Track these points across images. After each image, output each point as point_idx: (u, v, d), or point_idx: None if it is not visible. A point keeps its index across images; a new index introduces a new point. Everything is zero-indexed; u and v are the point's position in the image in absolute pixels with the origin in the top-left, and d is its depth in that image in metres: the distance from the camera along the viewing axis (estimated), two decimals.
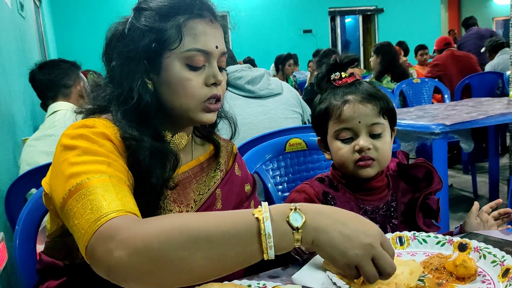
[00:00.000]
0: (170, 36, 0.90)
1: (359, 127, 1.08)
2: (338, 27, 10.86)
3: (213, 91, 0.94)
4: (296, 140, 1.49)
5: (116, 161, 0.83)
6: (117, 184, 0.78)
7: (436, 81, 4.47)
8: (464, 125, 2.46)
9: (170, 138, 0.99)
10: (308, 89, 4.09)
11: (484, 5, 14.08)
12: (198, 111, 0.94)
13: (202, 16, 0.93)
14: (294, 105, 2.02)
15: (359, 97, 1.08)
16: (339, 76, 1.13)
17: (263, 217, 0.69)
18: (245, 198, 1.11)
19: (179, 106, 0.94)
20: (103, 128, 0.87)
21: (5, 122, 2.25)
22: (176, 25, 0.91)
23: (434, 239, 0.95)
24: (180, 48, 0.91)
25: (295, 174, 1.50)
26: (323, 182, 1.16)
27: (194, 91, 0.92)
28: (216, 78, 0.94)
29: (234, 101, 1.91)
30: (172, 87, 0.92)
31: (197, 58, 0.92)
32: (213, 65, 0.94)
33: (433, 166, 1.15)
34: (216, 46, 0.94)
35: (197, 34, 0.92)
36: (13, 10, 3.18)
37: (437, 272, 0.83)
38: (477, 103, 3.21)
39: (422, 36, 8.98)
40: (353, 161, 1.09)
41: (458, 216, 3.28)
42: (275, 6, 9.84)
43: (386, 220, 1.11)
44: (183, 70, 0.92)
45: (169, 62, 0.92)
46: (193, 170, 1.02)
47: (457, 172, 4.42)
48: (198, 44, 0.91)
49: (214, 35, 0.94)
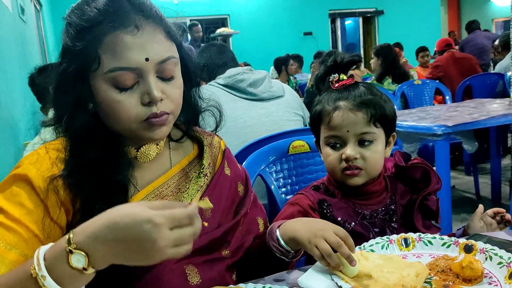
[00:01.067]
0: (87, 56, 0.79)
1: (347, 136, 1.06)
2: (339, 29, 10.88)
3: (151, 110, 0.82)
4: (299, 142, 1.49)
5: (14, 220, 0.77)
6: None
7: (437, 83, 4.46)
8: (466, 126, 2.46)
9: (135, 153, 0.91)
10: (309, 91, 4.08)
11: (483, 7, 14.08)
12: (143, 130, 0.84)
13: (123, 26, 0.79)
14: (296, 108, 2.01)
15: (350, 104, 1.06)
16: (337, 78, 1.10)
17: (40, 277, 0.63)
18: (238, 200, 1.03)
19: (120, 128, 0.85)
20: (31, 167, 0.82)
21: (7, 126, 2.25)
22: (92, 43, 0.79)
23: (439, 240, 0.94)
24: (101, 69, 0.79)
25: (298, 176, 1.49)
26: (318, 190, 1.14)
27: (128, 114, 0.81)
28: (150, 95, 0.80)
29: (236, 104, 1.90)
30: (105, 110, 0.83)
31: (124, 78, 0.80)
32: (147, 81, 0.81)
33: (430, 166, 1.14)
34: (146, 58, 0.80)
35: (117, 50, 0.78)
36: (14, 14, 3.19)
37: (443, 274, 0.83)
38: (479, 104, 3.21)
39: (422, 38, 8.99)
40: (340, 169, 1.08)
41: (460, 217, 3.27)
42: (275, 9, 9.85)
43: (385, 223, 1.10)
44: (111, 92, 0.80)
45: (95, 84, 0.81)
46: (173, 179, 0.94)
47: (459, 173, 4.42)
48: (120, 62, 0.79)
49: (141, 46, 0.80)
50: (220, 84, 1.97)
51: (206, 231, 0.91)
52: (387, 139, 1.13)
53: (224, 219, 0.97)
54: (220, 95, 1.90)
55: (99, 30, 0.79)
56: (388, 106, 1.10)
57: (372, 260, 0.87)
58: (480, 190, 3.73)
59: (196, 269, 0.89)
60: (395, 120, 1.13)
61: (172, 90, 0.85)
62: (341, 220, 1.07)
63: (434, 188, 1.13)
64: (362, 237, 1.06)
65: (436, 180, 1.13)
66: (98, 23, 0.79)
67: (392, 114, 1.11)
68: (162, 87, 0.83)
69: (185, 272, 0.88)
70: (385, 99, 1.11)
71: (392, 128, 1.13)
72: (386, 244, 0.95)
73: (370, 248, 0.93)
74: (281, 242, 0.92)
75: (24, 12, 3.72)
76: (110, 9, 0.80)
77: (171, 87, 0.85)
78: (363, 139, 1.06)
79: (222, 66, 2.09)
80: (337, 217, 1.08)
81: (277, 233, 0.93)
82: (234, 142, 1.78)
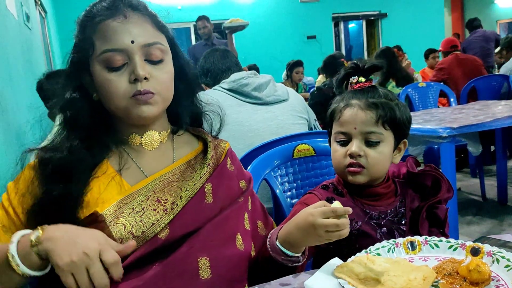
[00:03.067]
0: (85, 44, 0.94)
1: (354, 133, 1.08)
2: (342, 32, 10.88)
3: (136, 87, 0.93)
4: (304, 146, 1.49)
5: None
6: None
7: (441, 85, 4.45)
8: (471, 128, 2.45)
9: (139, 140, 1.01)
10: (314, 93, 4.07)
11: (487, 8, 14.05)
12: (130, 107, 0.94)
13: (114, 15, 0.93)
14: (300, 111, 2.01)
15: (361, 103, 1.08)
16: (356, 80, 1.13)
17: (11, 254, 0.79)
18: (239, 193, 1.07)
19: (113, 107, 0.95)
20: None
21: (13, 131, 2.26)
22: (88, 32, 0.94)
23: (446, 243, 0.94)
24: (96, 53, 0.93)
25: (303, 180, 1.49)
26: (327, 189, 1.15)
27: (117, 91, 0.93)
28: (135, 72, 0.92)
29: (241, 108, 1.90)
30: (100, 91, 0.95)
31: (114, 58, 0.92)
32: (134, 61, 0.92)
33: (442, 175, 1.14)
34: (132, 41, 0.92)
35: (106, 35, 0.92)
36: (19, 22, 3.21)
37: (450, 277, 0.82)
38: (484, 106, 3.20)
39: (426, 40, 8.98)
40: (344, 165, 1.10)
41: (466, 220, 3.26)
42: (279, 13, 9.87)
43: (394, 225, 1.10)
44: (104, 72, 0.93)
45: (93, 69, 0.95)
46: (179, 168, 1.02)
47: (464, 175, 4.40)
48: (109, 45, 0.92)
49: (127, 31, 0.93)
50: (224, 89, 1.97)
51: (208, 217, 0.97)
52: (397, 144, 1.13)
53: (226, 206, 1.01)
54: (224, 99, 1.90)
55: (94, 21, 0.93)
56: (401, 111, 1.11)
57: (378, 264, 0.86)
58: (486, 192, 3.71)
59: (209, 263, 0.92)
60: (407, 127, 1.13)
61: (159, 73, 0.96)
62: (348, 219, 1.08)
63: (444, 197, 1.13)
64: (369, 237, 1.07)
65: (447, 188, 1.13)
66: (94, 16, 0.94)
67: (403, 119, 1.11)
68: (149, 69, 0.94)
69: (198, 265, 0.91)
70: (399, 105, 1.12)
71: (403, 134, 1.13)
72: (392, 247, 0.95)
73: (376, 252, 0.93)
74: (284, 250, 0.93)
75: (29, 19, 3.75)
76: (106, 5, 0.94)
77: (158, 70, 0.96)
78: (369, 138, 1.08)
79: (226, 71, 2.10)
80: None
81: (278, 245, 0.95)
82: (239, 146, 1.78)
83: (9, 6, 2.80)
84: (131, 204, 0.93)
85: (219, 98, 1.93)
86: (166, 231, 0.92)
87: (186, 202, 0.96)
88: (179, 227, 0.93)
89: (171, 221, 0.93)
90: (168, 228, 0.92)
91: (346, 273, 0.83)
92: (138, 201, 0.94)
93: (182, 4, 9.14)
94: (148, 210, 0.93)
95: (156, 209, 0.94)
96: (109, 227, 0.89)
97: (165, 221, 0.93)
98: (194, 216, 0.95)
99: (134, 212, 0.92)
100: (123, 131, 1.01)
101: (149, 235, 0.91)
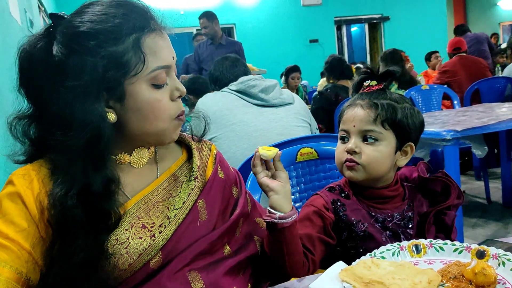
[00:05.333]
0: (129, 59, 0.81)
1: (352, 130, 1.11)
2: (344, 36, 10.88)
3: (180, 106, 0.90)
4: (307, 149, 1.49)
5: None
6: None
7: (445, 87, 4.44)
8: (475, 130, 2.44)
9: (128, 159, 0.92)
10: (317, 98, 4.03)
11: (490, 10, 14.05)
12: (171, 129, 0.90)
13: (153, 29, 0.86)
14: (304, 115, 2.06)
15: (364, 103, 1.11)
16: (368, 84, 1.15)
17: None
18: (233, 203, 1.03)
19: (152, 130, 0.87)
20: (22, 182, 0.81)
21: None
22: (133, 46, 0.82)
23: (451, 246, 0.93)
24: (145, 71, 0.83)
25: (306, 183, 1.49)
26: (333, 191, 1.16)
27: (165, 111, 0.87)
28: (180, 90, 0.89)
29: (247, 109, 1.95)
30: (142, 112, 0.85)
31: (161, 76, 0.86)
32: (173, 77, 0.89)
33: (452, 181, 1.14)
34: (173, 56, 0.89)
35: (156, 50, 0.85)
36: (23, 28, 3.22)
37: (456, 281, 0.82)
38: (487, 108, 3.19)
39: (429, 43, 8.96)
40: (342, 161, 1.12)
41: (471, 223, 3.24)
42: (281, 17, 9.89)
43: (400, 229, 1.11)
44: (151, 91, 0.85)
45: (134, 87, 0.83)
46: (163, 184, 0.94)
47: (469, 178, 4.38)
48: (160, 61, 0.85)
49: (168, 46, 0.88)
50: (232, 90, 2.04)
51: (203, 234, 0.92)
52: (401, 146, 1.13)
53: (221, 222, 0.98)
54: (232, 100, 1.97)
55: (137, 33, 0.83)
56: (404, 114, 1.10)
57: (383, 267, 0.86)
58: (491, 195, 3.69)
59: (199, 275, 0.89)
60: (412, 131, 1.12)
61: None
62: (354, 220, 1.09)
63: (453, 203, 1.13)
64: (374, 239, 1.08)
65: (456, 195, 1.13)
66: (133, 27, 0.83)
67: (406, 121, 1.11)
68: None
69: (188, 279, 0.88)
70: (407, 108, 1.11)
71: (407, 136, 1.13)
72: (397, 250, 0.94)
73: (381, 255, 0.93)
74: (270, 210, 0.99)
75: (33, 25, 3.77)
76: (134, 14, 0.84)
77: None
78: (366, 136, 1.09)
79: (234, 80, 2.14)
80: (351, 217, 1.10)
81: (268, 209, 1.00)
82: (244, 145, 1.83)
83: (13, 13, 2.82)
84: (115, 234, 0.84)
85: (227, 99, 1.98)
86: (157, 258, 0.86)
87: (178, 225, 0.90)
88: (172, 251, 0.88)
89: (163, 247, 0.87)
90: (160, 255, 0.86)
91: (351, 277, 0.83)
92: (122, 230, 0.85)
93: (185, 8, 9.16)
94: (133, 240, 0.85)
95: (143, 236, 0.86)
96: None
97: (154, 249, 0.86)
98: (189, 238, 0.90)
99: (118, 244, 0.83)
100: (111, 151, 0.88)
101: (137, 266, 0.85)
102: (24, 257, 0.78)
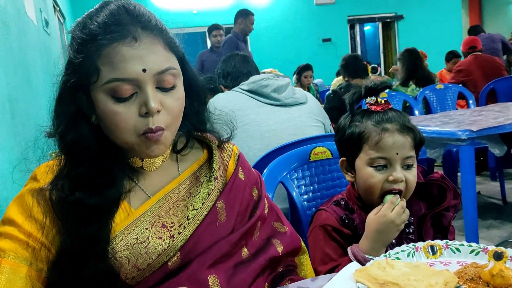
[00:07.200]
0: (87, 68, 0.80)
1: (395, 158, 1.07)
2: (358, 35, 10.82)
3: (147, 124, 0.81)
4: (321, 148, 1.48)
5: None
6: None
7: (460, 87, 4.39)
8: (491, 130, 2.40)
9: (140, 163, 0.91)
10: (331, 97, 4.02)
11: (505, 9, 13.84)
12: (140, 144, 0.84)
13: (122, 38, 0.80)
14: (317, 114, 2.03)
15: (397, 127, 1.08)
16: (375, 101, 1.12)
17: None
18: (252, 205, 1.01)
19: (118, 141, 0.85)
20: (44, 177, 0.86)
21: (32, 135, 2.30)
22: (91, 56, 0.80)
23: (467, 248, 0.92)
24: (100, 81, 0.80)
25: (320, 183, 1.48)
26: (340, 206, 1.16)
27: (126, 125, 0.81)
28: (147, 106, 0.80)
29: (260, 109, 1.93)
30: (104, 121, 0.83)
31: (122, 88, 0.80)
32: (145, 91, 0.81)
33: (448, 182, 1.14)
34: (144, 69, 0.80)
35: (114, 61, 0.79)
36: (38, 27, 3.27)
37: (473, 282, 0.80)
38: (504, 108, 3.14)
39: (443, 42, 8.88)
40: (383, 191, 1.08)
41: (487, 224, 3.20)
42: (294, 16, 9.88)
43: (403, 235, 1.11)
44: (109, 103, 0.81)
45: (95, 96, 0.82)
46: (184, 183, 0.94)
47: (484, 179, 4.33)
48: (117, 73, 0.79)
49: (139, 57, 0.80)
50: (244, 90, 2.00)
51: (222, 236, 0.91)
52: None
53: (239, 223, 0.96)
54: (244, 100, 1.94)
55: (98, 42, 0.79)
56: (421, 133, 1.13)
57: (398, 268, 0.85)
58: (507, 196, 3.64)
59: (218, 281, 0.88)
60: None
61: (171, 101, 0.85)
62: (362, 233, 1.09)
63: (450, 204, 1.13)
64: None
65: (452, 196, 1.13)
66: (97, 35, 0.80)
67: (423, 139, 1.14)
68: (160, 97, 0.83)
69: (208, 283, 0.86)
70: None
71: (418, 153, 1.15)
72: (412, 251, 0.93)
73: (396, 256, 0.91)
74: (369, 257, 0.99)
75: (48, 25, 3.81)
76: (109, 21, 0.80)
77: (170, 98, 0.85)
78: (406, 162, 1.08)
79: (247, 74, 2.13)
80: (360, 230, 1.10)
81: (369, 257, 1.01)
82: (257, 146, 1.81)
83: (28, 12, 2.85)
84: (135, 233, 0.85)
85: (239, 99, 1.96)
86: (175, 259, 0.86)
87: (197, 226, 0.89)
88: (191, 252, 0.87)
89: (181, 247, 0.87)
90: (178, 256, 0.86)
91: (365, 277, 0.82)
92: (142, 229, 0.85)
93: (198, 8, 9.20)
94: (153, 239, 0.85)
95: (162, 236, 0.86)
96: (111, 260, 0.82)
97: (173, 250, 0.86)
98: (208, 239, 0.89)
99: (138, 243, 0.84)
100: (124, 154, 0.91)
101: (156, 265, 0.85)
102: (44, 253, 0.81)
